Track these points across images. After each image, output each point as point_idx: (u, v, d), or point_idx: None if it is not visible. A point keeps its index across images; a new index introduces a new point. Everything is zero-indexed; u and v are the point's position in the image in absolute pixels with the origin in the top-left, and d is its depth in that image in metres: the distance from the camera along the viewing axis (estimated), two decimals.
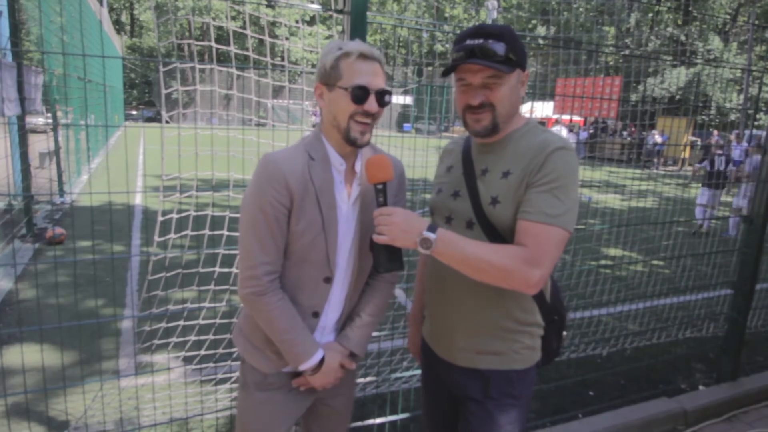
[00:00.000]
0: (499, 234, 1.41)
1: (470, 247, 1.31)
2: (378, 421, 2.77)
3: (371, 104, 1.36)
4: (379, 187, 1.37)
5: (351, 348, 1.55)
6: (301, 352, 1.44)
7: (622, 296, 5.12)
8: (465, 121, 1.46)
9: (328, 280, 1.47)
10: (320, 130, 1.48)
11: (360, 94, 1.35)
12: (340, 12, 2.05)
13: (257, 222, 1.37)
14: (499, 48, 1.36)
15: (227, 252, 2.69)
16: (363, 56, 1.36)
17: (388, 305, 1.68)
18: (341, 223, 1.45)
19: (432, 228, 1.32)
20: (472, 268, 1.32)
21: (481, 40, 1.36)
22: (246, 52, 2.82)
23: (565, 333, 1.66)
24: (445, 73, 1.44)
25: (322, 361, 1.47)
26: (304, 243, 1.41)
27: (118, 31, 38.20)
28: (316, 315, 1.49)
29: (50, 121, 8.73)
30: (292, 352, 1.44)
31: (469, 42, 1.37)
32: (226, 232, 2.77)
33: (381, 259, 1.37)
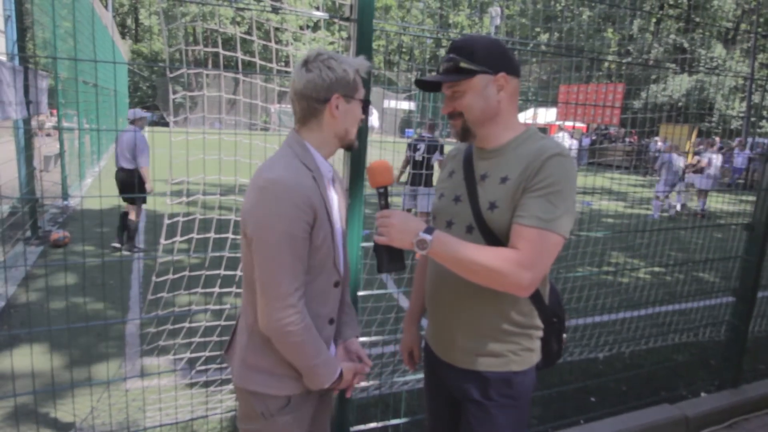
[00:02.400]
0: (497, 238, 1.43)
1: (465, 249, 1.34)
2: (380, 425, 2.78)
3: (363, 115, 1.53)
4: (381, 190, 1.43)
5: (358, 335, 1.66)
6: (327, 373, 1.44)
7: (619, 301, 5.13)
8: None
9: (337, 284, 1.50)
10: (303, 137, 1.46)
11: (365, 106, 1.51)
12: (346, 20, 2.08)
13: (285, 251, 1.32)
14: (451, 60, 1.46)
15: (232, 255, 2.72)
16: (366, 74, 1.50)
17: (387, 308, 1.73)
18: (337, 227, 1.51)
19: (429, 230, 1.35)
20: (466, 270, 1.35)
21: (447, 55, 1.49)
22: (251, 58, 2.85)
23: (565, 336, 1.68)
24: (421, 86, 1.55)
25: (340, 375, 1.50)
26: (322, 254, 1.42)
27: (123, 36, 38.42)
28: (332, 322, 1.52)
29: (55, 123, 8.78)
30: (319, 374, 1.43)
31: (443, 57, 1.51)
32: (231, 236, 2.79)
33: (383, 260, 1.41)
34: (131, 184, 6.20)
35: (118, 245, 6.47)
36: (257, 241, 1.33)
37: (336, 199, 1.53)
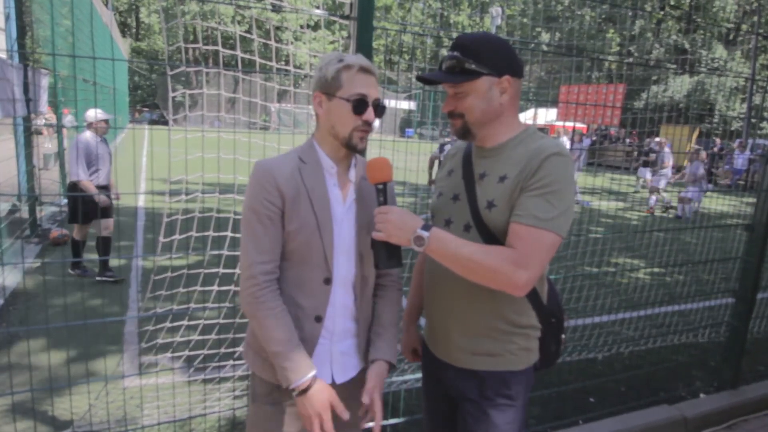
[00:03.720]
0: (495, 237, 1.43)
1: (461, 247, 1.34)
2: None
3: (370, 114, 1.44)
4: (380, 187, 1.44)
5: (387, 359, 1.55)
6: (292, 367, 1.38)
7: (618, 301, 5.13)
8: None
9: (328, 281, 1.48)
10: (313, 137, 1.54)
11: (360, 105, 1.42)
12: (346, 18, 2.07)
13: (251, 224, 1.42)
14: (455, 60, 1.43)
15: (231, 253, 2.71)
16: (363, 69, 1.44)
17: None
18: (336, 224, 1.48)
19: (426, 227, 1.36)
20: (462, 267, 1.35)
21: (450, 53, 1.45)
22: (251, 57, 2.85)
23: (563, 336, 1.67)
24: (423, 81, 1.53)
25: (310, 385, 1.40)
26: (300, 243, 1.44)
27: (124, 34, 38.41)
28: (319, 319, 1.49)
29: (46, 122, 8.70)
30: (283, 366, 1.39)
31: (446, 54, 1.47)
32: (230, 234, 2.79)
33: (380, 256, 1.42)
34: (71, 198, 5.26)
35: (74, 271, 5.40)
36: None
37: (340, 197, 1.51)
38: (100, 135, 5.27)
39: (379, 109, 1.48)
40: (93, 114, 5.19)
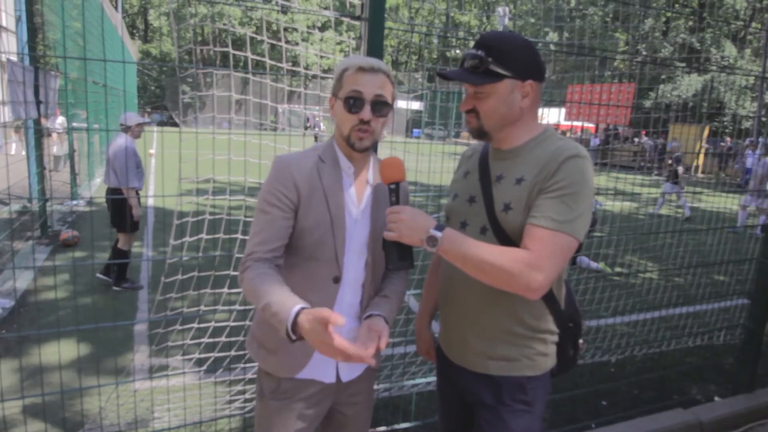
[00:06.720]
0: (511, 240, 1.41)
1: (475, 248, 1.32)
2: (389, 428, 2.76)
3: (365, 113, 1.42)
4: (392, 187, 1.43)
5: (380, 313, 1.45)
6: (280, 310, 1.26)
7: (631, 303, 5.07)
8: None
9: (337, 279, 1.48)
10: (333, 137, 1.57)
11: (353, 103, 1.42)
12: (357, 18, 2.06)
13: (261, 213, 1.45)
14: (479, 59, 1.40)
15: (241, 256, 2.71)
16: (361, 69, 1.43)
17: (402, 302, 1.64)
18: (350, 224, 1.48)
19: (439, 227, 1.34)
20: (475, 269, 1.32)
21: (474, 51, 1.42)
22: (260, 58, 2.84)
23: (581, 341, 1.64)
24: (443, 78, 1.51)
25: (297, 320, 1.25)
26: (313, 240, 1.45)
27: (133, 36, 38.66)
28: None
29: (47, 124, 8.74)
30: (274, 313, 1.28)
31: (469, 51, 1.44)
32: (240, 236, 2.78)
33: (391, 257, 1.40)
34: (117, 206, 4.98)
35: (104, 277, 5.18)
36: None
37: (355, 197, 1.51)
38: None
39: (379, 107, 1.43)
40: (133, 117, 5.02)
